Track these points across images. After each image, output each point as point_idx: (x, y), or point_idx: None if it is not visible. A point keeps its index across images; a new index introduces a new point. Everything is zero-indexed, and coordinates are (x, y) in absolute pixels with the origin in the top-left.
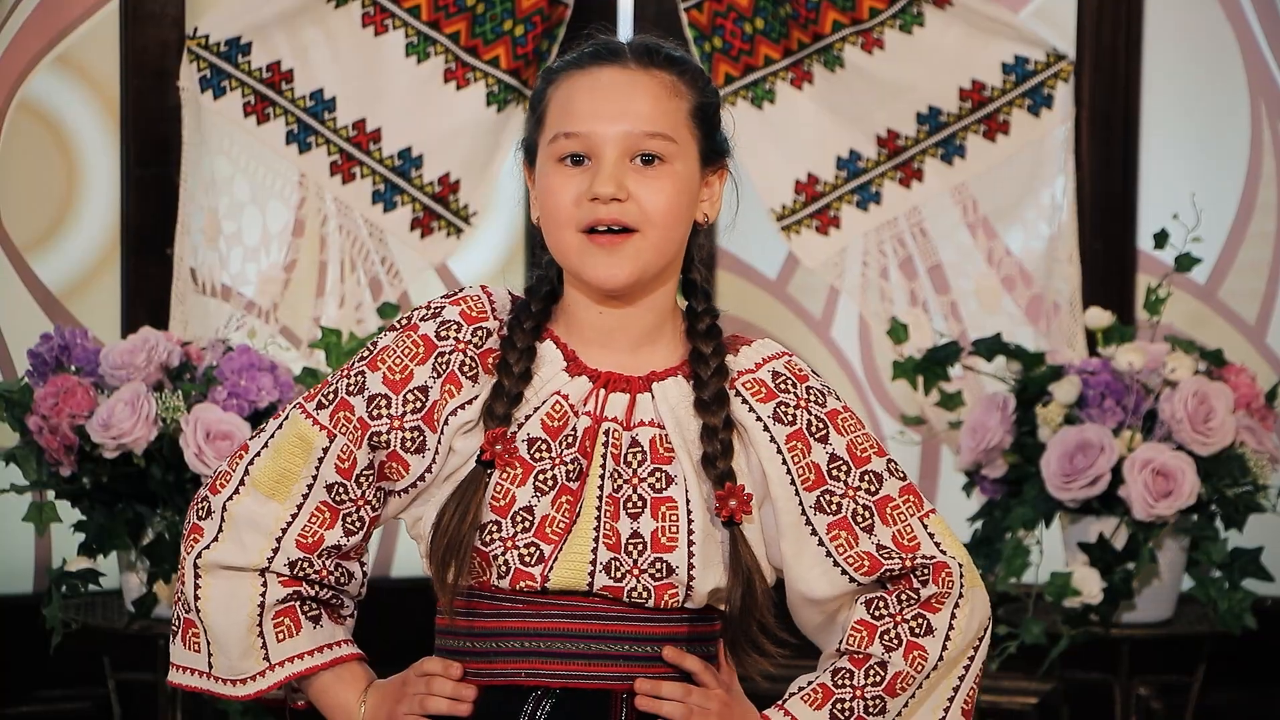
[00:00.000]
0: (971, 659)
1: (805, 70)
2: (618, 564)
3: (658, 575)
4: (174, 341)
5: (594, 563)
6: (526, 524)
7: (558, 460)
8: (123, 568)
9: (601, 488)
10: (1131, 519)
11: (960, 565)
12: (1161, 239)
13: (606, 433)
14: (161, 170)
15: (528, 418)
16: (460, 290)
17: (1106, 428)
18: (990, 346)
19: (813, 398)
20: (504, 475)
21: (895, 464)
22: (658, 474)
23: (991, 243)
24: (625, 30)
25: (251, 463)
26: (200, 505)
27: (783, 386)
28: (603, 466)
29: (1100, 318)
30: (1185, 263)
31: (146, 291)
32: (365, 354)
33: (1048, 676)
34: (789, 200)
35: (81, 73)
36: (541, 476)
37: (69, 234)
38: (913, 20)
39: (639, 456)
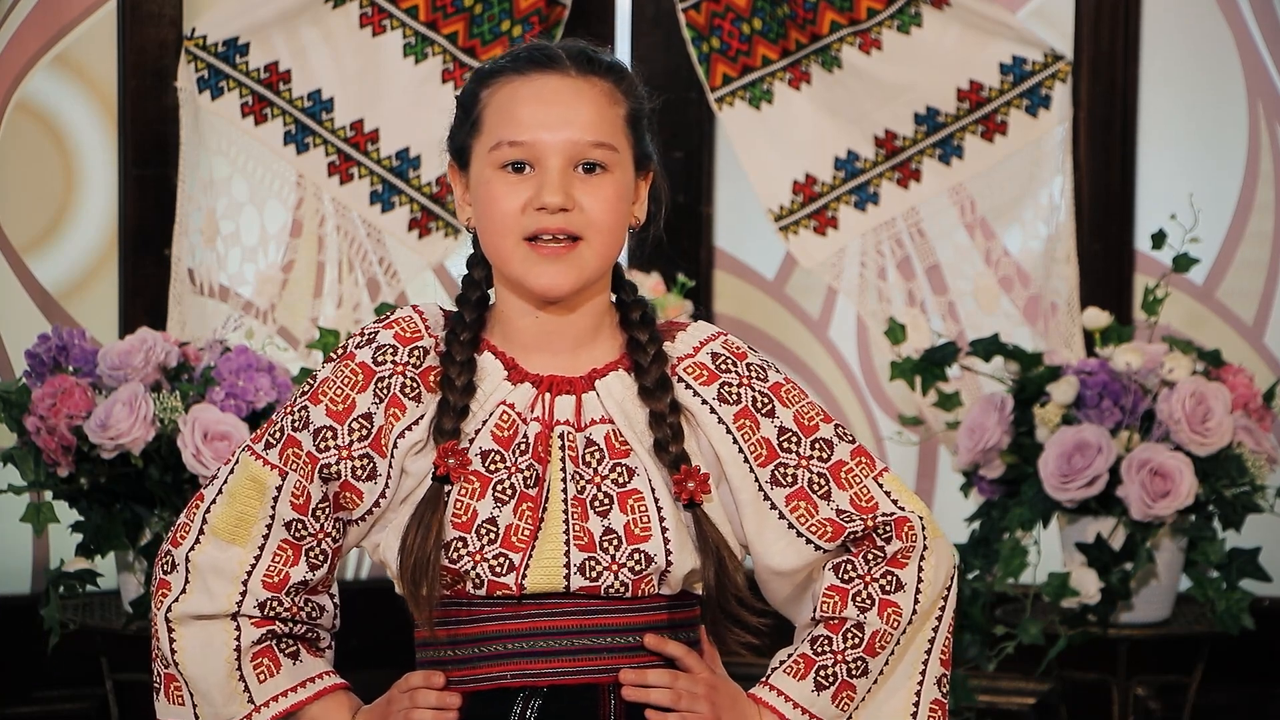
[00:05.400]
0: (943, 609)
1: (803, 71)
2: (593, 563)
3: (637, 567)
4: (172, 342)
5: (567, 565)
6: (492, 536)
7: (513, 469)
8: (120, 568)
9: (565, 490)
10: (1129, 519)
11: (921, 518)
12: (1159, 239)
13: (561, 436)
14: (159, 171)
15: (477, 431)
16: (392, 313)
17: (1104, 428)
18: (988, 347)
19: (754, 374)
20: (462, 491)
21: (843, 428)
22: (618, 469)
23: (989, 243)
24: (623, 31)
25: (208, 511)
26: (164, 560)
27: (723, 366)
28: (563, 470)
29: (1098, 318)
30: (1183, 263)
31: (144, 292)
32: (306, 388)
33: (1045, 677)
34: (787, 201)
35: (79, 73)
36: (500, 487)
37: (67, 234)
38: (910, 21)
39: (597, 455)
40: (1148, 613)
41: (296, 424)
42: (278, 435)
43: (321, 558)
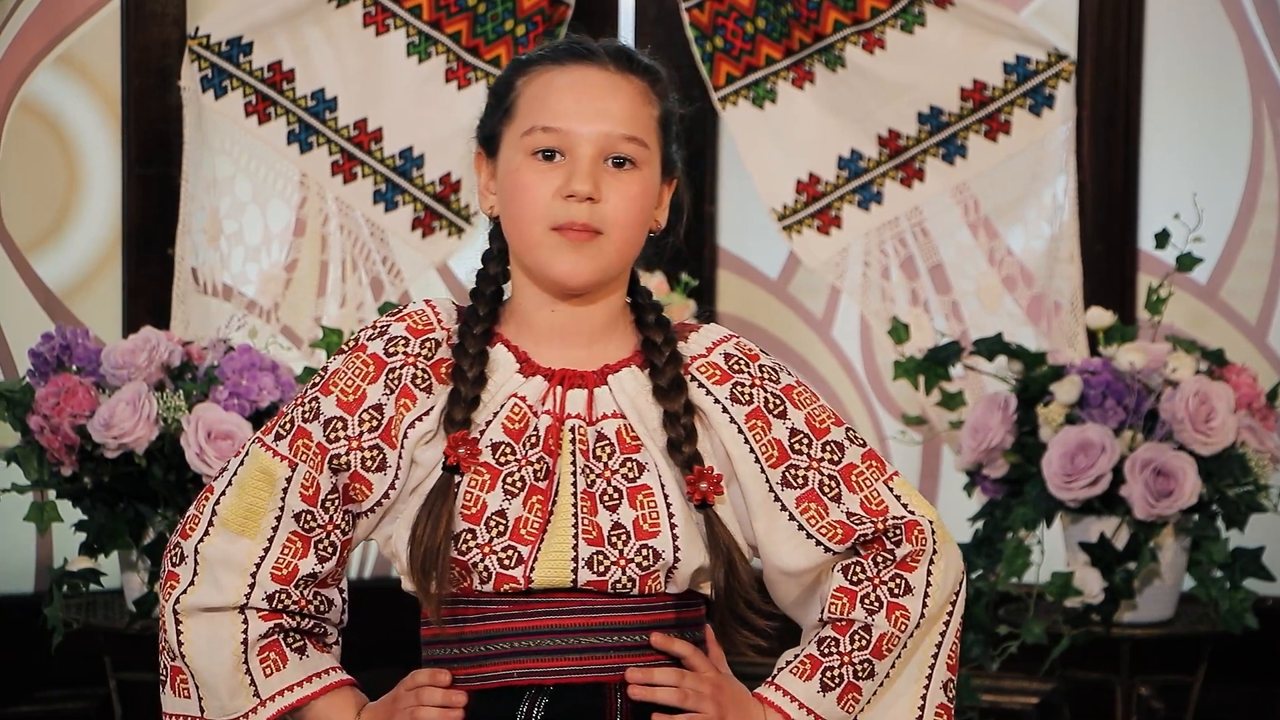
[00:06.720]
0: (950, 614)
1: (807, 70)
2: (600, 557)
3: (645, 563)
4: (175, 341)
5: (575, 559)
6: (501, 528)
7: (523, 461)
8: (124, 567)
9: (575, 484)
10: (1132, 519)
11: (930, 522)
12: (1163, 239)
13: (572, 429)
14: (163, 170)
15: (488, 423)
16: (404, 308)
17: (1107, 427)
18: (991, 346)
19: (766, 375)
20: (472, 482)
21: (854, 431)
22: (629, 464)
23: (993, 242)
24: (627, 30)
25: (218, 503)
26: (173, 552)
27: (736, 367)
28: (573, 463)
29: (1101, 317)
30: (1186, 262)
31: (148, 291)
32: (317, 380)
33: (1049, 676)
34: (790, 200)
35: (83, 72)
36: (509, 479)
37: (70, 233)
38: (914, 20)
39: (607, 449)
40: (1151, 612)
41: (307, 415)
42: (288, 426)
43: (330, 550)
